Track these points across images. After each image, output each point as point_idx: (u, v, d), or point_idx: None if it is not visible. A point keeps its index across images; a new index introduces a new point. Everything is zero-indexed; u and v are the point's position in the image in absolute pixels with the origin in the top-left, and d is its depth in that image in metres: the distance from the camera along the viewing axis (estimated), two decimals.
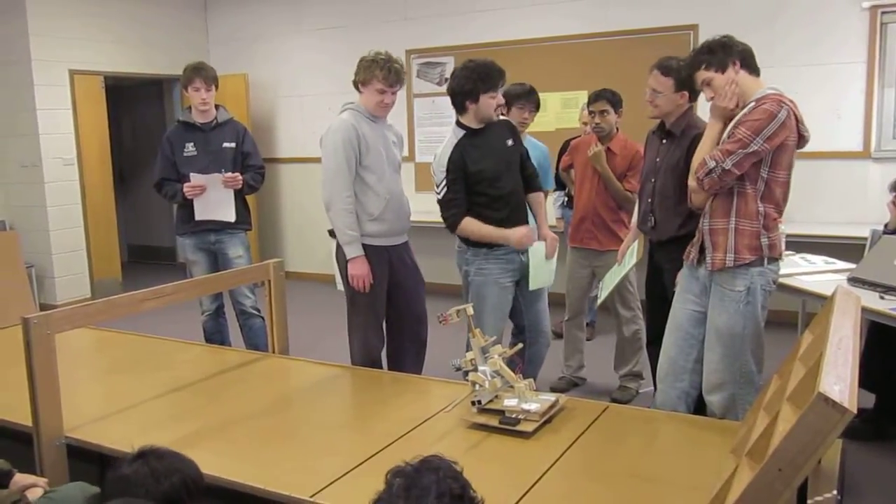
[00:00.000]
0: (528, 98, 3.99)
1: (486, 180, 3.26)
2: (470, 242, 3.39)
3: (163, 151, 4.32)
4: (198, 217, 4.23)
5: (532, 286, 3.42)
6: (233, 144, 4.30)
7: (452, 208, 3.27)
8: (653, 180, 3.26)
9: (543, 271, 3.46)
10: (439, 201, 3.31)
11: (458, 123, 3.33)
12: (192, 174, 4.19)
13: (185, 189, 4.17)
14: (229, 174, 4.19)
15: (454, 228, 3.31)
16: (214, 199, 4.21)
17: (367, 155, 3.41)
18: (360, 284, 3.42)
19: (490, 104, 3.25)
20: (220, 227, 4.27)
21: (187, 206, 4.25)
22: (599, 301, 4.00)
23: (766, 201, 2.64)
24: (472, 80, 3.21)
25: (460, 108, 3.30)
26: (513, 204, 3.34)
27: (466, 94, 3.23)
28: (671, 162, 3.18)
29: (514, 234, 3.25)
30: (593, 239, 4.09)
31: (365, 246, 3.44)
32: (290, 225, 7.83)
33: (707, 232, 2.74)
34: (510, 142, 3.39)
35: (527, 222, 3.40)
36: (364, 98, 3.46)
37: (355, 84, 3.49)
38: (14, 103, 6.54)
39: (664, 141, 3.25)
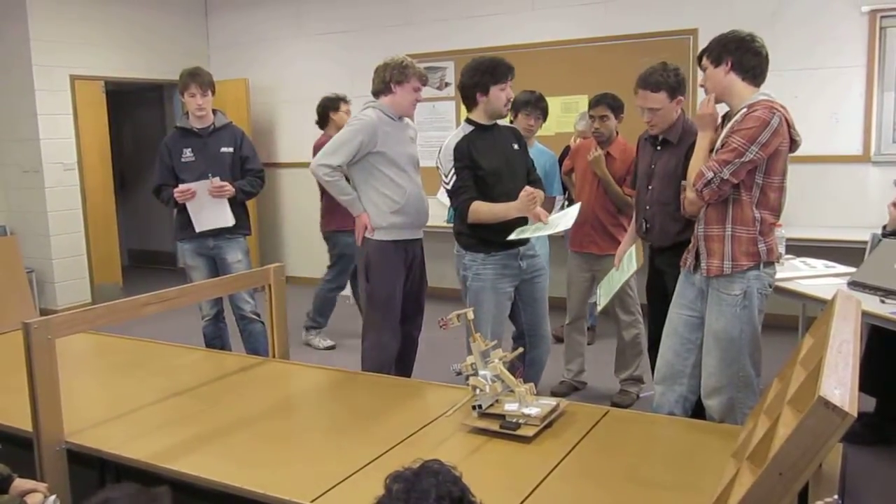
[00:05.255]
0: (535, 105, 4.00)
1: (490, 176, 3.26)
2: (467, 247, 3.38)
3: (161, 157, 4.32)
4: (197, 230, 4.22)
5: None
6: (231, 149, 4.30)
7: (462, 195, 3.26)
8: (649, 187, 3.27)
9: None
10: (449, 192, 3.33)
11: (468, 120, 3.37)
12: (181, 183, 4.18)
13: (175, 194, 4.16)
14: (217, 183, 4.14)
15: (465, 214, 3.27)
16: (209, 208, 4.19)
17: (389, 151, 3.49)
18: (366, 227, 3.51)
19: (500, 97, 3.27)
20: (218, 232, 4.27)
21: (186, 211, 4.23)
22: (600, 308, 3.95)
23: (761, 207, 2.64)
24: (481, 73, 3.26)
25: (471, 101, 3.32)
26: None
27: (475, 86, 3.27)
28: (669, 168, 3.18)
29: (517, 203, 3.17)
30: (593, 243, 4.10)
31: (387, 242, 3.52)
32: (291, 229, 7.83)
33: (702, 238, 2.74)
34: (515, 146, 3.41)
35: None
36: (398, 97, 3.53)
37: (385, 85, 3.53)
38: (15, 108, 6.55)
39: (658, 148, 3.25)
